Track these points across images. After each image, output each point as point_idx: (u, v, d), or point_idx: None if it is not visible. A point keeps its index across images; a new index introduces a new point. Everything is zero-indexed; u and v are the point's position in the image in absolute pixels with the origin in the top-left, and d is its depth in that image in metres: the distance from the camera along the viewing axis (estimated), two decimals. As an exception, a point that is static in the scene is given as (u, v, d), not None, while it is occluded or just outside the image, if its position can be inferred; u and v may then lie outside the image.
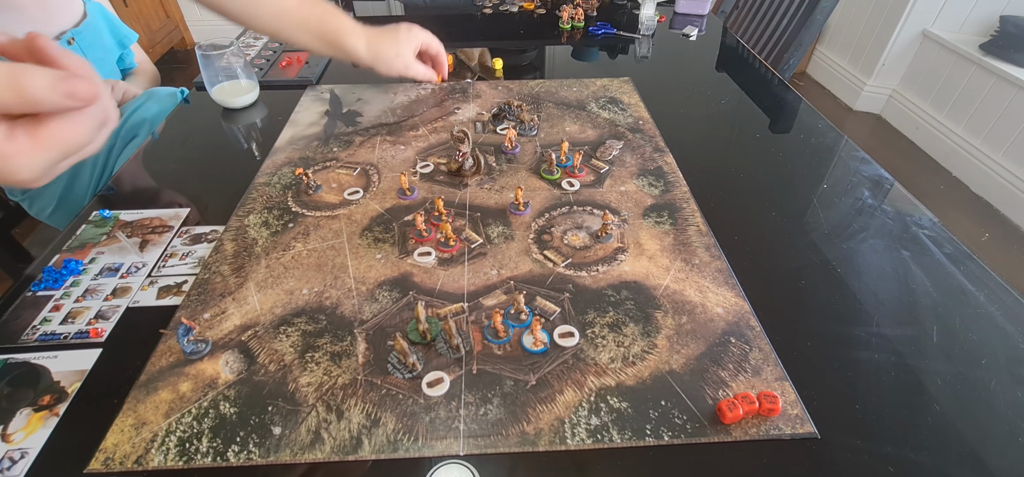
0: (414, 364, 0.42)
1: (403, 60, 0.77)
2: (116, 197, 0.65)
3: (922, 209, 0.61)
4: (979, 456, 0.37)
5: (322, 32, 0.72)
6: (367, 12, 1.27)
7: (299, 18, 0.71)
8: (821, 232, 0.57)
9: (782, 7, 1.24)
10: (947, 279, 0.52)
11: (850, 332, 0.46)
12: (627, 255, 0.53)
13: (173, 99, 0.94)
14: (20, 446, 0.38)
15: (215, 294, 0.50)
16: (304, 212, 0.60)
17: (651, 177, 0.65)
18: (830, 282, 0.51)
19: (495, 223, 0.58)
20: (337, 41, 0.73)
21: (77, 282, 0.51)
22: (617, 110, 0.80)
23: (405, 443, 0.38)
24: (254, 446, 0.38)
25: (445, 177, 0.66)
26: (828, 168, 0.69)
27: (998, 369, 0.43)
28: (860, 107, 2.46)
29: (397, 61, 0.76)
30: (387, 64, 0.76)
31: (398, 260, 0.53)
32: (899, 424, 0.39)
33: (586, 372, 0.42)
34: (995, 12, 2.01)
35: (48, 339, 0.46)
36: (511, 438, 0.38)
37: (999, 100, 1.89)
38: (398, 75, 0.78)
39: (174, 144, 0.76)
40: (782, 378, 0.42)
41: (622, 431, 0.38)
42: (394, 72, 0.77)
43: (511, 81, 0.90)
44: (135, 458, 0.37)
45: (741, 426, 0.39)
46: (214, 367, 0.43)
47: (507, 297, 0.49)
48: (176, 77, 2.59)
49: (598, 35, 1.11)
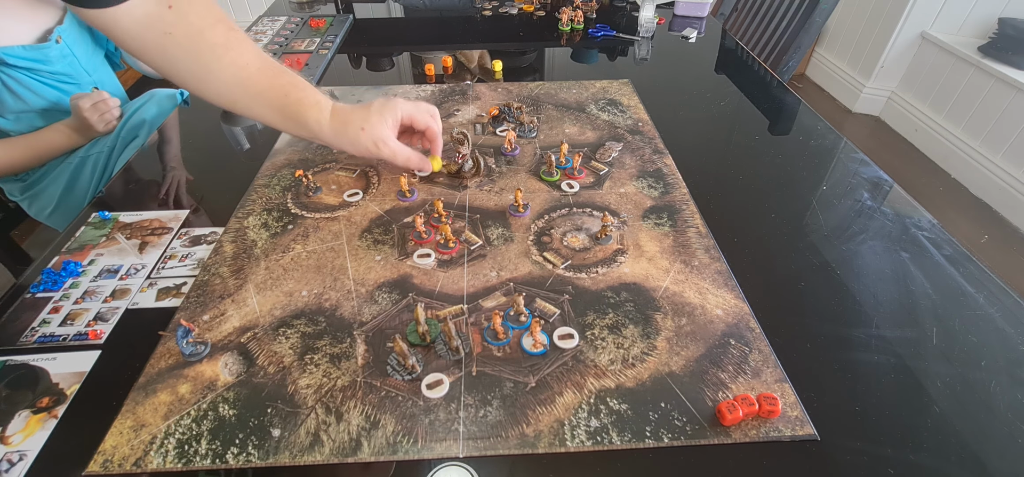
0: (413, 366, 0.42)
1: (371, 136, 0.59)
2: (116, 199, 0.65)
3: (921, 211, 0.61)
4: (979, 457, 0.37)
5: (284, 105, 0.59)
6: (367, 13, 1.27)
7: (259, 88, 0.58)
8: (820, 234, 0.57)
9: (781, 9, 1.24)
10: (946, 281, 0.52)
11: (850, 334, 0.46)
12: (627, 257, 0.53)
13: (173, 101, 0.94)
14: (19, 448, 0.38)
15: (214, 296, 0.50)
16: (303, 214, 0.60)
17: (650, 179, 0.65)
18: (830, 284, 0.51)
19: (495, 225, 0.58)
20: (298, 114, 0.59)
21: (76, 284, 0.51)
22: (616, 112, 0.80)
23: (404, 445, 0.38)
24: (253, 448, 0.37)
25: (445, 179, 0.66)
26: (827, 170, 0.69)
27: (998, 371, 0.43)
28: (859, 109, 2.46)
29: (363, 137, 0.59)
30: (352, 142, 0.59)
31: (397, 262, 0.53)
32: (899, 426, 0.39)
33: (586, 374, 0.42)
34: (994, 14, 2.02)
35: (47, 341, 0.45)
36: (511, 440, 0.38)
37: (998, 102, 1.89)
38: (369, 155, 0.60)
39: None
40: (782, 380, 0.42)
41: (622, 433, 0.38)
42: (361, 151, 0.60)
43: (511, 83, 0.90)
44: (134, 460, 0.37)
45: (741, 428, 0.39)
46: (213, 369, 0.43)
47: (507, 299, 0.49)
48: (176, 79, 2.58)
49: (597, 37, 1.11)
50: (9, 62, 0.81)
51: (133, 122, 0.91)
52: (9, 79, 0.83)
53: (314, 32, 1.09)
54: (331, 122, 0.59)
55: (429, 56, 1.01)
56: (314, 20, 1.14)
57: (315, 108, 0.59)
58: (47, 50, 0.86)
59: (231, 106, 0.60)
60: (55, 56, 0.87)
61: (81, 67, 0.93)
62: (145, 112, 0.92)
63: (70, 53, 0.90)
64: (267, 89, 0.59)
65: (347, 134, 0.60)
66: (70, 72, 0.91)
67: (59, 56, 0.88)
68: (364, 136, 0.59)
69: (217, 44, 0.56)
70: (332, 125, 0.60)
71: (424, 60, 0.99)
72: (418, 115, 0.62)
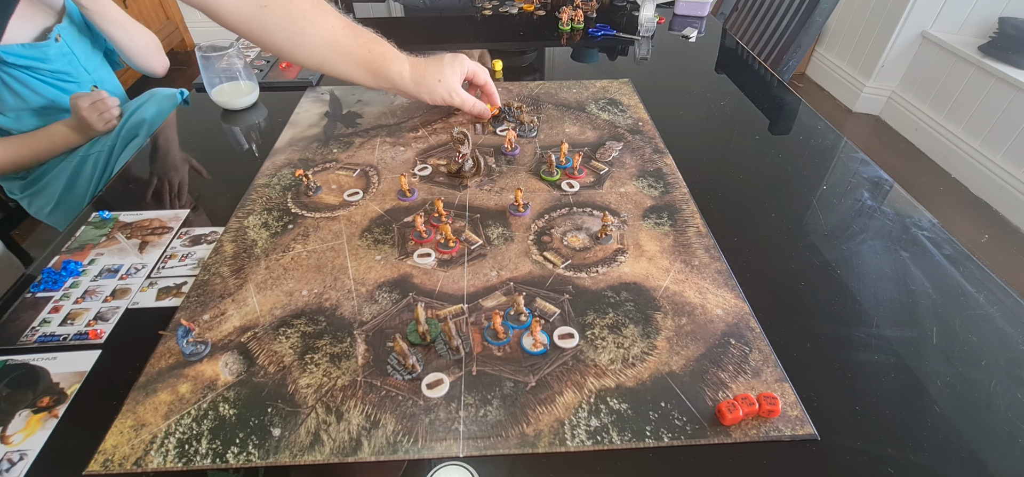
0: (414, 365, 0.42)
1: (446, 86, 0.71)
2: (116, 198, 0.65)
3: (921, 210, 0.61)
4: (979, 457, 0.37)
5: (368, 61, 0.67)
6: (367, 13, 1.27)
7: (346, 48, 0.66)
8: (821, 233, 0.57)
9: (781, 9, 1.24)
10: (946, 280, 0.52)
11: (850, 333, 0.46)
12: (627, 256, 0.53)
13: (173, 100, 0.94)
14: (19, 448, 0.38)
15: (214, 295, 0.50)
16: (304, 213, 0.60)
17: (651, 178, 0.65)
18: (830, 283, 0.51)
19: (495, 224, 0.58)
20: (381, 69, 0.68)
21: (76, 283, 0.51)
22: (617, 111, 0.80)
23: (405, 444, 0.38)
24: (253, 448, 0.37)
25: (445, 178, 0.66)
26: (827, 169, 0.69)
27: (998, 370, 0.43)
28: (859, 108, 2.46)
29: (440, 87, 0.71)
30: (429, 91, 0.71)
31: (398, 261, 0.53)
32: (899, 425, 0.39)
33: (586, 373, 0.42)
34: (994, 13, 2.02)
35: (47, 340, 0.45)
36: (511, 439, 0.38)
37: (998, 101, 1.89)
38: (442, 103, 0.73)
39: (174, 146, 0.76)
40: (782, 379, 0.42)
41: (622, 432, 0.38)
42: (437, 100, 0.72)
43: (511, 82, 0.90)
44: (134, 460, 0.37)
45: (741, 427, 0.39)
46: (213, 368, 0.43)
47: (507, 298, 0.49)
48: (176, 78, 2.59)
49: (598, 37, 1.11)
50: (8, 60, 0.81)
51: (133, 121, 0.91)
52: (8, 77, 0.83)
53: (314, 31, 1.09)
54: (412, 73, 0.70)
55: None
56: (314, 19, 1.13)
57: (396, 61, 0.69)
58: (46, 48, 0.86)
59: (320, 67, 0.68)
60: (54, 54, 0.87)
61: (80, 65, 0.93)
62: (145, 111, 0.92)
63: (69, 51, 0.90)
64: (354, 48, 0.67)
65: (426, 83, 0.70)
66: (69, 70, 0.91)
67: (58, 54, 0.88)
68: (441, 86, 0.71)
69: (306, 11, 0.64)
70: (412, 76, 0.70)
71: (424, 60, 0.99)
72: (479, 72, 0.75)
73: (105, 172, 0.92)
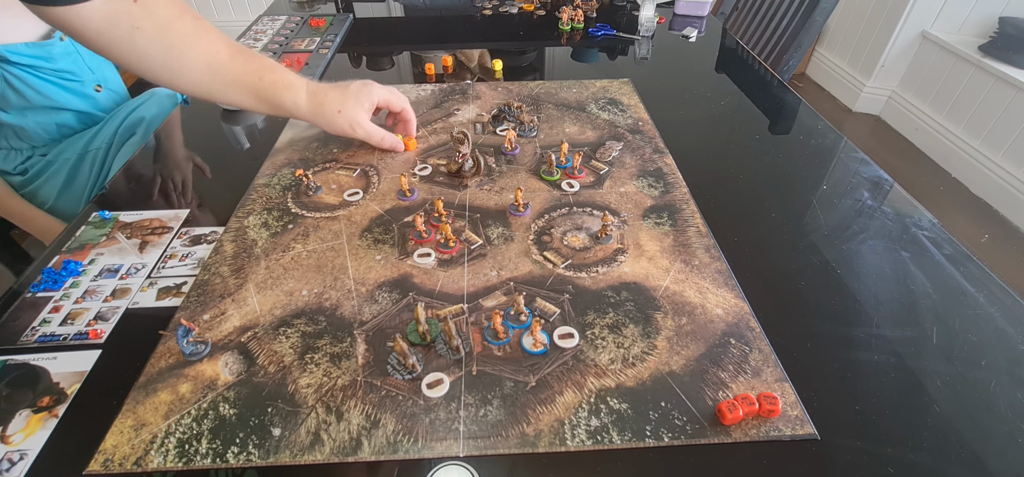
0: (414, 365, 0.42)
1: (347, 118, 0.64)
2: (115, 198, 0.65)
3: (921, 210, 0.61)
4: (979, 457, 0.37)
5: (259, 89, 0.61)
6: (367, 12, 1.27)
7: (232, 75, 0.60)
8: (821, 233, 0.57)
9: (781, 8, 1.24)
10: (947, 280, 0.52)
11: (850, 333, 0.46)
12: (627, 256, 0.53)
13: (172, 100, 0.94)
14: (19, 447, 0.38)
15: (215, 295, 0.50)
16: (304, 213, 0.60)
17: (651, 178, 0.65)
18: (830, 283, 0.51)
19: (495, 224, 0.58)
20: (273, 97, 0.61)
21: (76, 283, 0.51)
22: (617, 111, 0.80)
23: (405, 444, 0.38)
24: (253, 447, 0.37)
25: (445, 178, 0.66)
26: (828, 169, 0.69)
27: (998, 370, 0.43)
28: (859, 108, 2.46)
29: (339, 118, 0.63)
30: (329, 122, 0.64)
31: (398, 261, 0.53)
32: (899, 425, 0.39)
33: (586, 373, 0.42)
34: (994, 13, 2.02)
35: (47, 340, 0.45)
36: (511, 439, 0.38)
37: (998, 101, 1.89)
38: (345, 135, 0.67)
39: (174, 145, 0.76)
40: (782, 379, 0.42)
41: (622, 432, 0.38)
42: (337, 131, 0.66)
43: (511, 82, 0.90)
44: (134, 459, 0.37)
45: (741, 427, 0.39)
46: (213, 368, 0.43)
47: (507, 298, 0.49)
48: (176, 78, 2.58)
49: (598, 36, 1.11)
50: (12, 59, 0.81)
51: (131, 120, 0.91)
52: (11, 76, 0.83)
53: (314, 31, 1.09)
54: (308, 102, 0.63)
55: (429, 55, 1.01)
56: (314, 19, 1.14)
57: (290, 90, 0.62)
58: (50, 47, 0.86)
59: (206, 95, 0.61)
60: (58, 53, 0.87)
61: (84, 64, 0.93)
62: (144, 110, 0.92)
63: (74, 50, 0.90)
64: (241, 74, 0.60)
65: (324, 115, 0.64)
66: (73, 69, 0.91)
67: (62, 53, 0.88)
68: (341, 118, 0.64)
69: (186, 34, 0.57)
70: (309, 105, 0.63)
71: (424, 59, 0.99)
72: (393, 99, 0.68)
73: (102, 171, 0.92)
